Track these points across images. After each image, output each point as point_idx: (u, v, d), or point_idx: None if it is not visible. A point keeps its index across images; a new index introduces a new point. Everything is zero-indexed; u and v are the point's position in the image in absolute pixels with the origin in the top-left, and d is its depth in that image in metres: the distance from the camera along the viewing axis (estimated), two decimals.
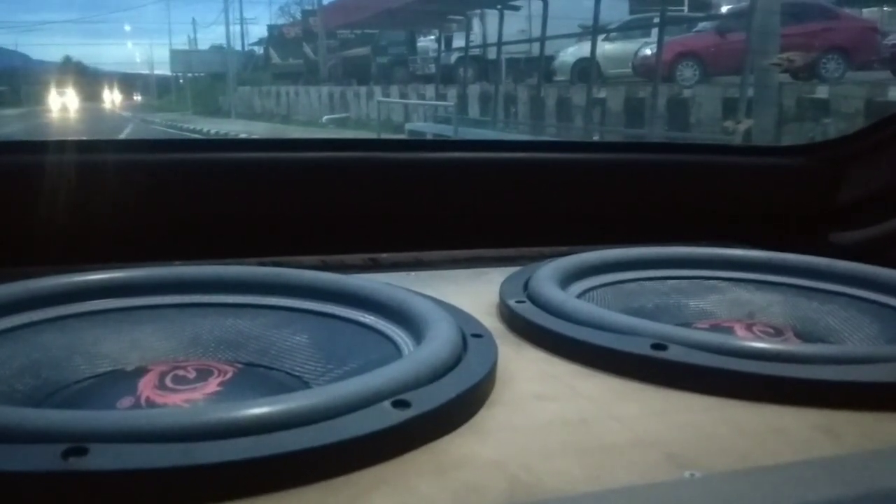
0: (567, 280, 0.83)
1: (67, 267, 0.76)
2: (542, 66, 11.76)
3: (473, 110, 12.73)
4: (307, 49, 22.58)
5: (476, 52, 14.51)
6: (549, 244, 1.08)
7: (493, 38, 12.83)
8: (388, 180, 1.07)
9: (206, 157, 1.02)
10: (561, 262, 0.87)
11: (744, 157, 1.32)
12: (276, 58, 25.36)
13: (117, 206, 0.94)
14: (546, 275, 0.81)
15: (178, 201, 0.98)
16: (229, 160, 1.02)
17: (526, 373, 0.65)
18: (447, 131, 10.62)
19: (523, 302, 0.77)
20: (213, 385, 0.64)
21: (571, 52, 12.64)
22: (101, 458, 0.44)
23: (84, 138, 1.00)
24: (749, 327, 0.83)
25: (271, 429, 0.48)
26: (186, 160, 1.01)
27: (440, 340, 0.62)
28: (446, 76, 14.36)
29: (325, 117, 16.69)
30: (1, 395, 0.61)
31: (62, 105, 23.04)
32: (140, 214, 0.96)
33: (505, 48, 12.81)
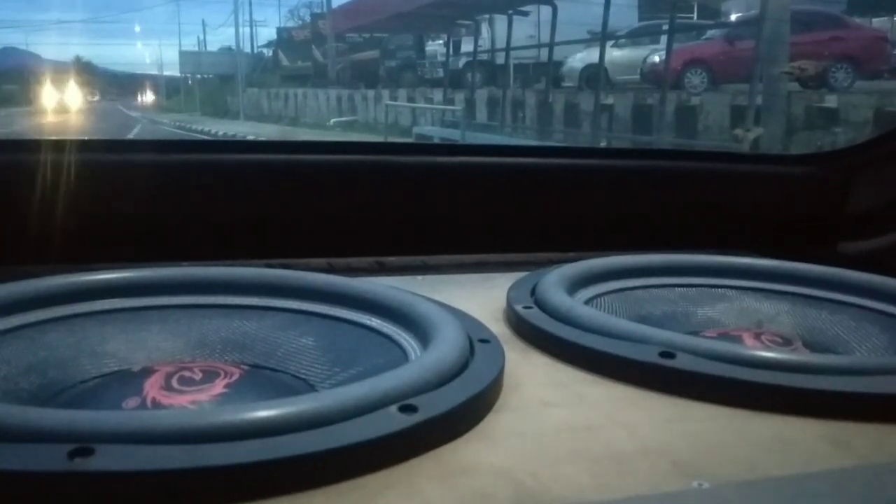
0: (575, 286, 0.83)
1: (74, 266, 0.76)
2: (550, 72, 11.76)
3: (481, 115, 12.73)
4: (316, 52, 22.62)
5: (484, 56, 14.52)
6: (556, 250, 1.08)
7: (501, 43, 12.84)
8: (395, 184, 1.07)
9: (214, 159, 1.02)
10: (568, 268, 0.86)
11: (753, 165, 1.32)
12: (285, 60, 25.42)
13: (125, 206, 0.95)
14: (554, 280, 0.81)
15: (186, 202, 0.98)
16: (237, 162, 1.02)
17: (533, 379, 0.65)
18: (455, 135, 10.62)
19: (531, 308, 0.76)
20: (219, 387, 0.64)
21: (580, 58, 12.63)
22: (107, 459, 0.44)
23: (92, 138, 1.00)
24: (757, 336, 0.82)
25: (278, 432, 0.48)
26: (194, 161, 1.01)
27: (447, 345, 0.62)
28: (454, 80, 14.36)
29: (333, 120, 16.72)
30: (7, 394, 0.61)
31: (72, 104, 23.13)
32: (147, 215, 0.96)
33: (513, 53, 12.81)
